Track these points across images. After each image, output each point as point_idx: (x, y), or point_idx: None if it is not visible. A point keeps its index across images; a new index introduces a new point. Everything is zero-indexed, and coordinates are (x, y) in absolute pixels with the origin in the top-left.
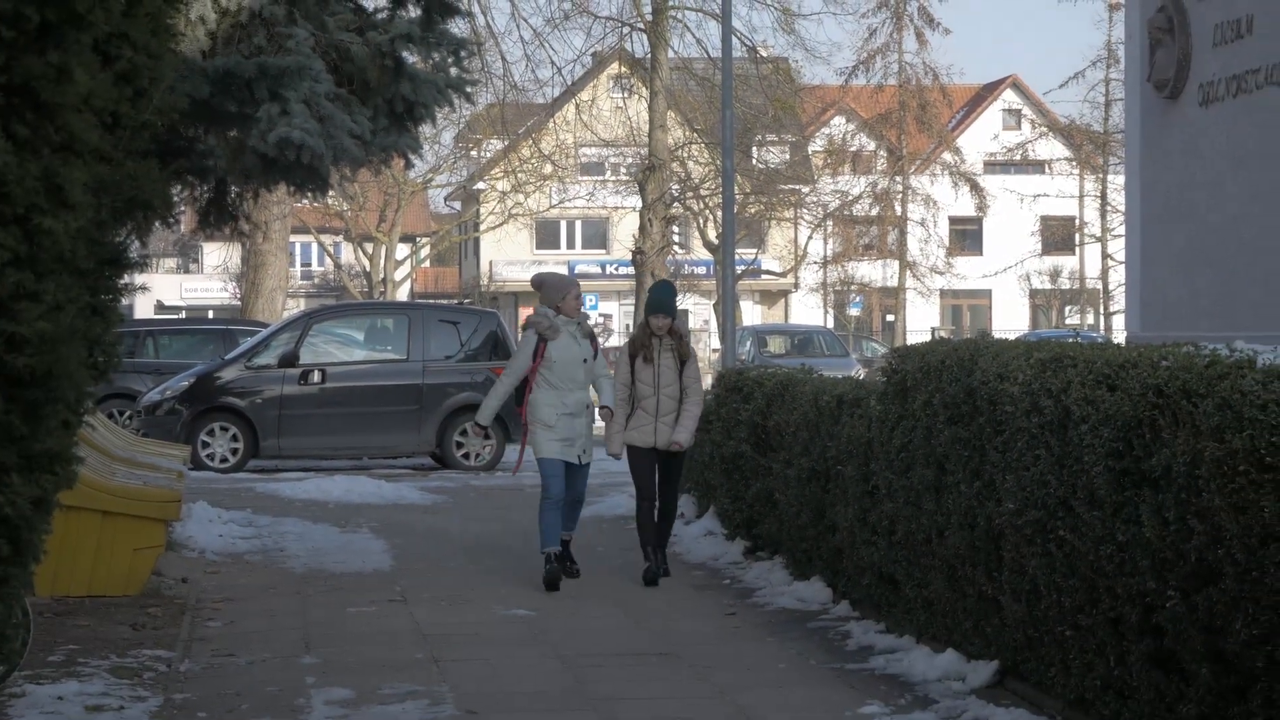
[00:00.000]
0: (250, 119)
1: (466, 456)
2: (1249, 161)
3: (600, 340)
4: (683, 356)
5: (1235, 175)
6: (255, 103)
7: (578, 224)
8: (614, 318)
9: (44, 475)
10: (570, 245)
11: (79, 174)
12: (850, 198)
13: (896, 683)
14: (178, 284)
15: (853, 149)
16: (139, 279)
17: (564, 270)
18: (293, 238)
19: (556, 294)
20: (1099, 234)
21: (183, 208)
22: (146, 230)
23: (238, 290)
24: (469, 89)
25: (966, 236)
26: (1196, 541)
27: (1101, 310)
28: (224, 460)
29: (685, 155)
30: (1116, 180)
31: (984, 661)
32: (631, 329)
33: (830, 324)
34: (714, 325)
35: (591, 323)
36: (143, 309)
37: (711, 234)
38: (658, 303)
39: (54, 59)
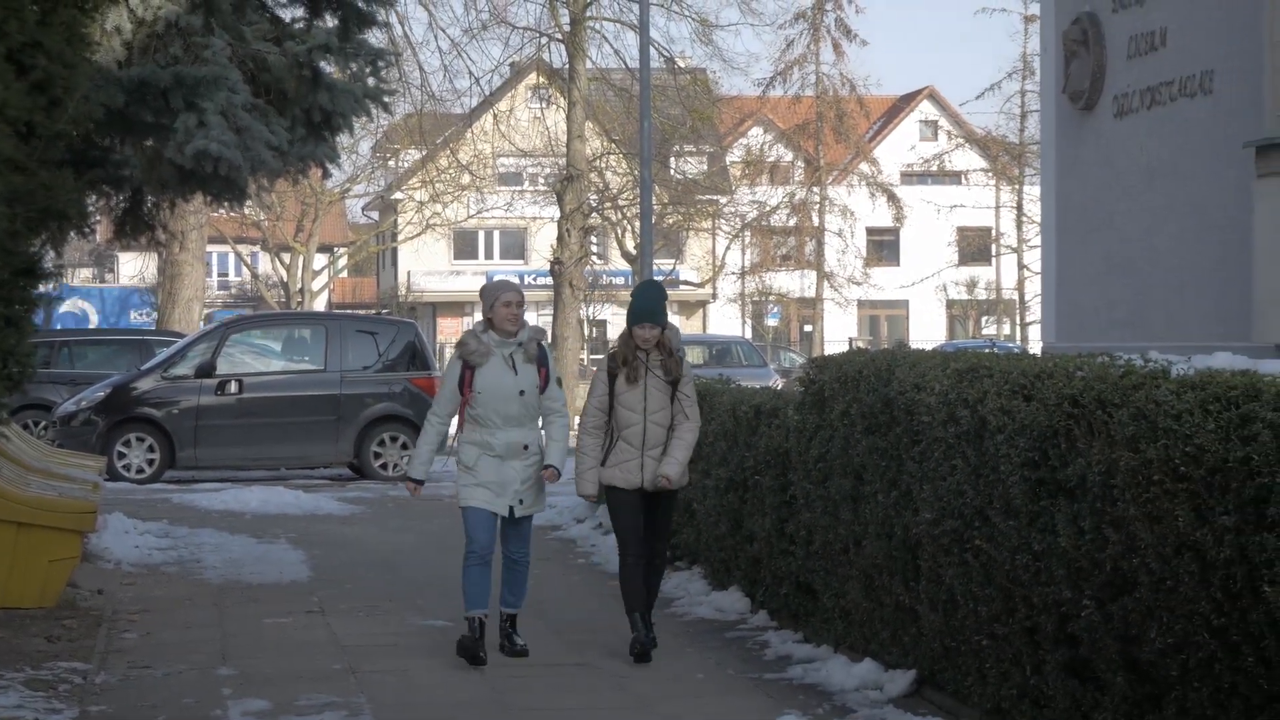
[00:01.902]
0: (166, 129)
1: (384, 467)
2: (1162, 173)
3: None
4: (674, 375)
5: (1149, 186)
6: (171, 113)
7: (495, 234)
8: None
9: None
10: (488, 255)
11: None
12: (768, 208)
13: (814, 692)
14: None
15: (770, 159)
16: (53, 288)
17: (482, 281)
18: (209, 248)
19: (486, 303)
20: (1015, 245)
21: (98, 217)
22: (61, 240)
23: (154, 300)
24: (387, 99)
25: (883, 247)
26: (1111, 551)
27: (1018, 320)
28: (140, 471)
29: (603, 165)
30: (1032, 191)
31: (901, 671)
32: (551, 339)
33: (748, 334)
34: None
35: (522, 338)
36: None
37: (630, 244)
38: (644, 309)
39: None
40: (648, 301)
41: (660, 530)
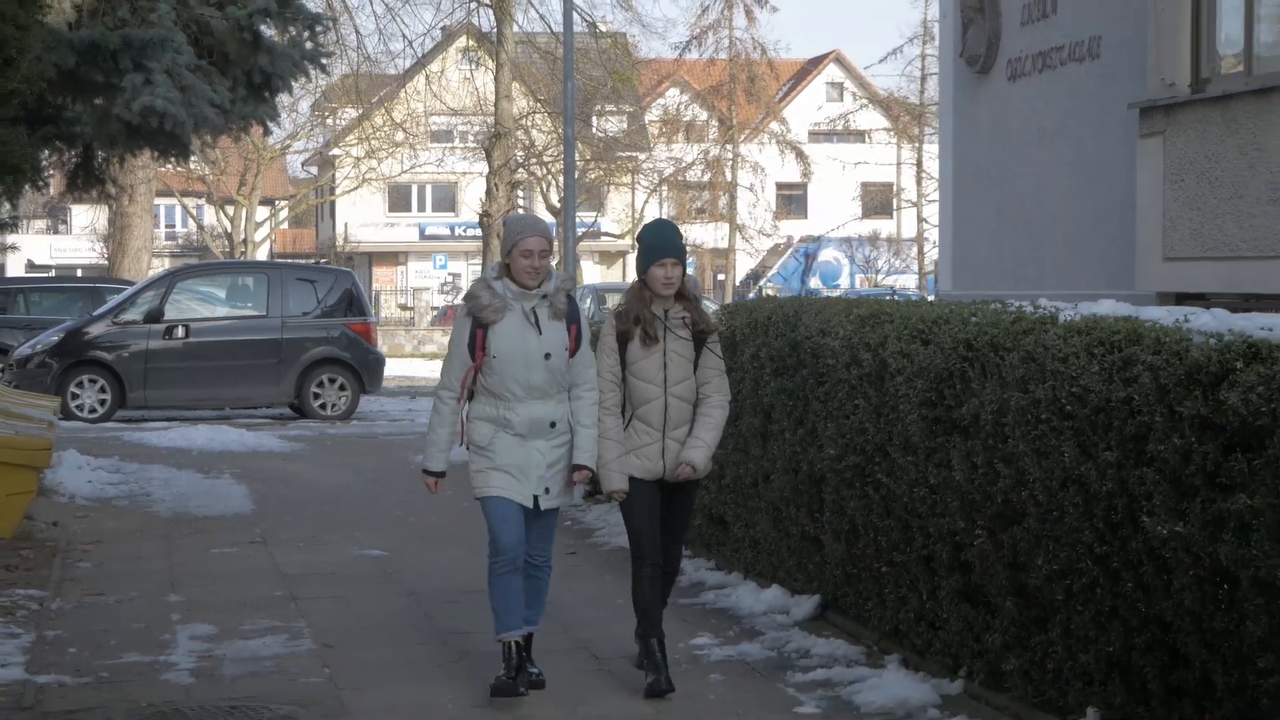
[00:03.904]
0: (115, 88)
1: (323, 407)
2: (1051, 133)
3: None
4: (703, 328)
5: (1039, 145)
6: (120, 73)
7: (428, 188)
8: (462, 276)
9: None
10: (421, 208)
11: None
12: (684, 164)
13: (726, 616)
14: (47, 244)
15: (686, 119)
16: (9, 239)
17: (415, 232)
18: (157, 200)
19: (504, 246)
20: (915, 199)
21: (51, 172)
22: (16, 193)
23: (105, 250)
24: (324, 61)
25: (792, 201)
26: (1002, 484)
27: (917, 270)
28: (92, 411)
29: (529, 124)
30: (931, 149)
31: (807, 596)
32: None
33: None
34: None
35: (548, 289)
36: (14, 268)
37: (554, 198)
38: (662, 242)
39: None
40: (665, 235)
41: (676, 529)
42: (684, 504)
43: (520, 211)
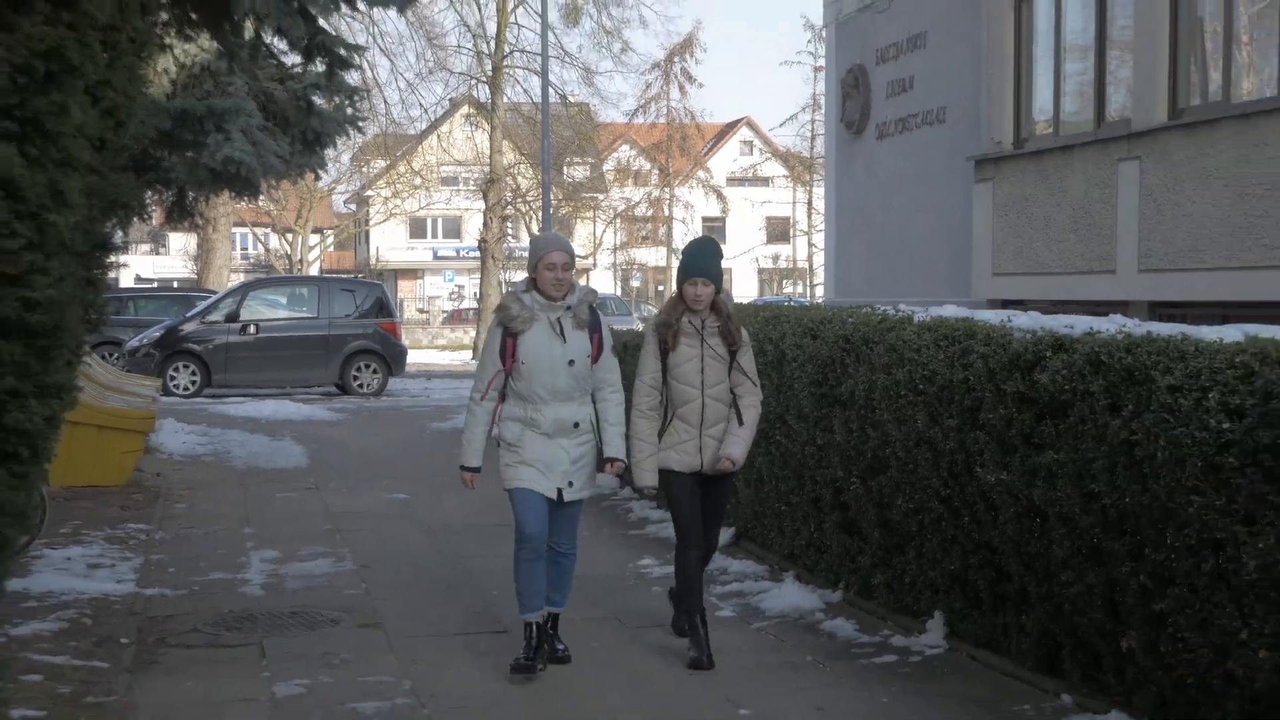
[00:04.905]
0: (202, 144)
1: (360, 386)
2: (909, 181)
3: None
4: (734, 344)
5: (900, 191)
6: (205, 132)
7: (439, 220)
8: (465, 288)
9: (53, 400)
10: (434, 235)
11: (75, 182)
12: (632, 203)
13: (664, 543)
14: (150, 262)
15: (634, 169)
16: (121, 259)
17: (429, 254)
18: (234, 229)
19: (531, 260)
20: (806, 230)
21: (153, 207)
22: (126, 224)
23: (195, 267)
24: (360, 123)
25: (714, 231)
26: (872, 444)
27: (808, 284)
28: (186, 389)
29: (516, 172)
30: (819, 192)
31: (726, 528)
32: (479, 296)
33: (618, 292)
34: None
35: (572, 301)
36: (124, 280)
37: (534, 228)
38: (695, 263)
39: (56, 98)
40: (700, 256)
41: (713, 518)
42: (720, 494)
43: (510, 238)
